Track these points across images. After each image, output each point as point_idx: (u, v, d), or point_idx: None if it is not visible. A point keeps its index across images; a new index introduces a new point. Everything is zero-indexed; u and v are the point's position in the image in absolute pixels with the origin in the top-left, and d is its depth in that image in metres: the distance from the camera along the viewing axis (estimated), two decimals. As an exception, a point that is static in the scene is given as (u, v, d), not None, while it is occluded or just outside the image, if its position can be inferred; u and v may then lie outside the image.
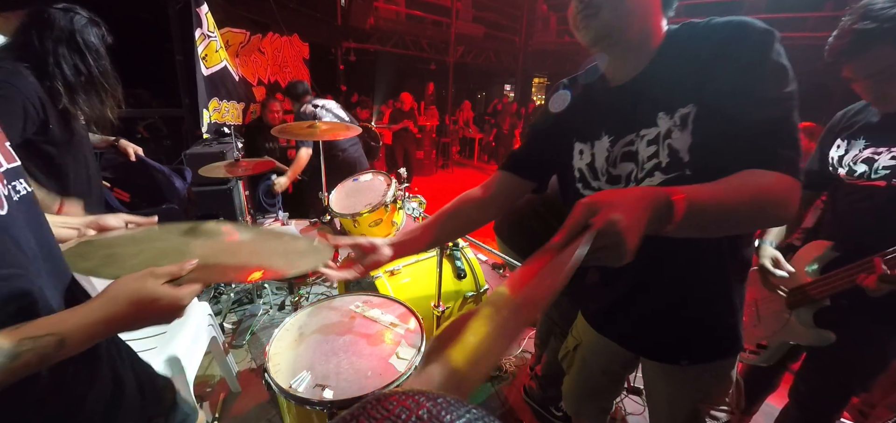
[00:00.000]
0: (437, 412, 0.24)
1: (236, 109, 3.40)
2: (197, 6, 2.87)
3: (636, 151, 0.77)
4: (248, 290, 2.66)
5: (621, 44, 0.74)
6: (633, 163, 0.78)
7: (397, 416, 0.24)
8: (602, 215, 0.49)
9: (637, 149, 0.77)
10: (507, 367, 2.13)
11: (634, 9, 0.71)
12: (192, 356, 1.53)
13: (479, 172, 9.02)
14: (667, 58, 0.74)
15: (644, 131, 0.75)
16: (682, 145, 0.70)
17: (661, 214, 0.54)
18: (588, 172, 0.86)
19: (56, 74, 1.30)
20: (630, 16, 0.71)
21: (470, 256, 2.17)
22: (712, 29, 0.69)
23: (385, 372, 1.12)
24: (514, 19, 10.27)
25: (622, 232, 0.48)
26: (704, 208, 0.58)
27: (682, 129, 0.70)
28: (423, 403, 0.25)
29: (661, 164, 0.73)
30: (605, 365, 1.06)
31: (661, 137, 0.73)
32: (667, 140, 0.72)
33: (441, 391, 0.27)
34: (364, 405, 0.26)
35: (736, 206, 0.60)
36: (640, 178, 0.77)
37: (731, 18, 0.68)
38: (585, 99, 0.88)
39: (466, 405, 0.26)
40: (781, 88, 0.64)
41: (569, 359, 1.15)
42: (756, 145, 0.64)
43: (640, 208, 0.51)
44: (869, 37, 1.02)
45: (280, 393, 1.06)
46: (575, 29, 0.75)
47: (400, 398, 0.26)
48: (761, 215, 0.65)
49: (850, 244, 1.17)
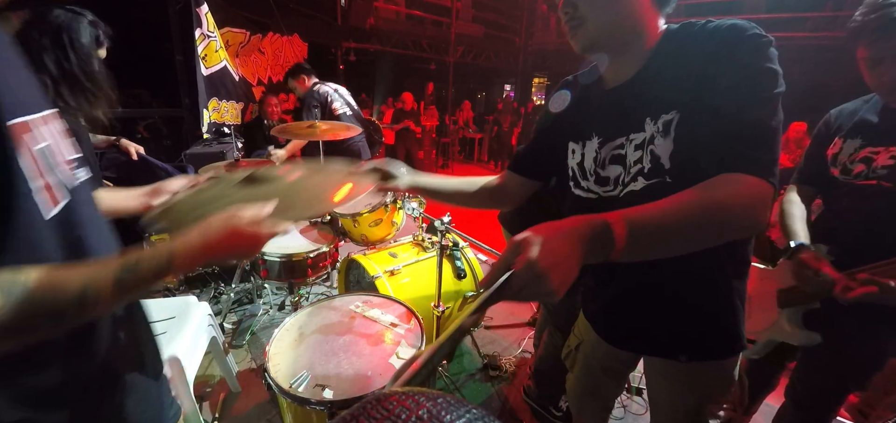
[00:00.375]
0: (437, 412, 0.24)
1: (235, 109, 3.40)
2: (197, 6, 2.87)
3: (625, 155, 0.78)
4: (248, 290, 2.66)
5: (612, 49, 0.75)
6: (621, 166, 0.79)
7: (397, 416, 0.24)
8: (522, 256, 0.48)
9: (626, 153, 0.78)
10: (506, 367, 2.13)
11: (621, 15, 0.71)
12: (192, 356, 1.53)
13: (479, 172, 9.03)
14: (659, 62, 0.74)
15: (633, 136, 0.76)
16: (663, 152, 0.71)
17: (600, 242, 0.53)
18: (578, 171, 0.88)
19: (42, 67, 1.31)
20: (617, 23, 0.72)
21: (470, 256, 2.17)
22: (708, 33, 0.69)
23: (385, 372, 1.12)
24: (514, 19, 10.27)
25: (543, 273, 0.47)
26: (651, 230, 0.56)
27: (665, 135, 0.70)
28: (423, 403, 0.25)
29: (644, 169, 0.74)
30: (606, 363, 1.06)
31: (646, 143, 0.74)
32: (650, 146, 0.73)
33: None
34: (364, 405, 0.26)
35: (688, 222, 0.58)
36: (627, 181, 0.78)
37: (726, 21, 0.67)
38: (582, 99, 0.90)
39: (466, 405, 0.26)
40: (766, 92, 0.64)
41: (571, 358, 1.16)
42: (728, 148, 0.63)
43: (568, 245, 0.51)
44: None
45: (280, 393, 1.06)
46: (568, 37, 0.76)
47: (400, 398, 0.26)
48: (723, 227, 0.61)
49: (845, 246, 1.14)
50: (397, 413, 0.24)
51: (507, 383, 2.07)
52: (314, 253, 1.96)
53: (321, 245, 2.01)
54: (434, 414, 0.24)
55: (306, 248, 1.98)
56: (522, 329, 2.46)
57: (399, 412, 0.24)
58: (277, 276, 1.96)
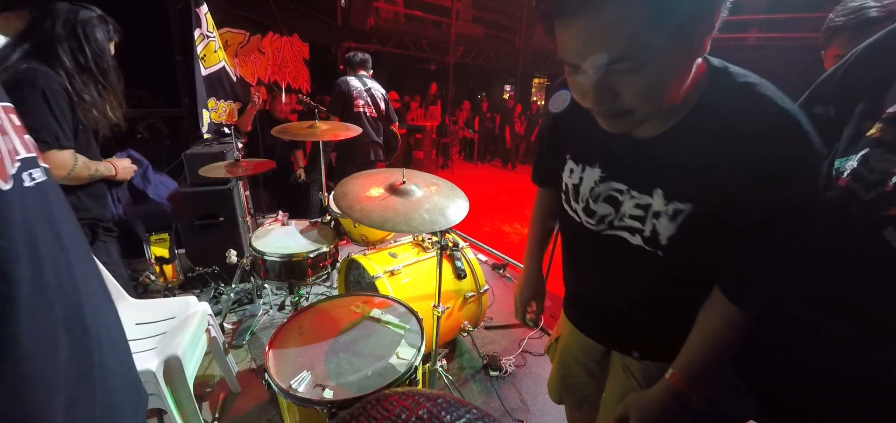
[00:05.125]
0: (436, 412, 0.24)
1: (233, 109, 3.40)
2: (196, 6, 2.87)
3: (620, 203, 0.75)
4: (248, 290, 2.66)
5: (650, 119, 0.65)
6: (612, 209, 0.77)
7: (397, 416, 0.24)
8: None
9: (622, 201, 0.75)
10: (506, 367, 2.13)
11: (672, 90, 0.59)
12: (192, 356, 1.53)
13: (480, 171, 9.03)
14: (689, 126, 0.64)
15: (635, 194, 0.73)
16: (664, 232, 0.70)
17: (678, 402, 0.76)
18: (572, 191, 0.85)
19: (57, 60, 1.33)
20: (666, 100, 0.59)
21: (470, 256, 2.17)
22: (751, 107, 0.59)
23: (385, 372, 1.12)
24: (514, 19, 10.26)
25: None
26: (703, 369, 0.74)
27: (671, 220, 0.68)
28: (423, 403, 0.25)
29: (644, 233, 0.73)
30: (579, 357, 1.08)
31: (651, 212, 0.71)
32: (654, 220, 0.71)
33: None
34: (364, 405, 0.26)
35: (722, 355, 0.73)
36: (617, 225, 0.77)
37: (775, 101, 0.58)
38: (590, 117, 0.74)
39: (466, 405, 0.26)
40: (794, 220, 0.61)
41: (552, 351, 1.19)
42: (734, 272, 0.69)
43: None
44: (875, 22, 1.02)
45: (280, 393, 1.06)
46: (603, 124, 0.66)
47: (400, 398, 0.26)
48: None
49: None
50: (397, 413, 0.24)
51: (507, 383, 2.07)
52: (314, 253, 1.96)
53: (321, 245, 2.01)
54: (434, 414, 0.24)
55: (306, 248, 1.98)
56: (522, 329, 2.46)
57: (399, 412, 0.24)
58: (277, 276, 1.96)
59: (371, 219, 1.15)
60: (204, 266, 2.71)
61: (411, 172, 1.35)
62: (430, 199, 1.27)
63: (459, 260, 2.10)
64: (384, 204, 1.21)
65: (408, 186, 1.29)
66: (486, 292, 2.15)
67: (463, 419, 0.24)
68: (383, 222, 1.15)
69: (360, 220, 1.17)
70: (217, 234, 2.70)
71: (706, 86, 0.64)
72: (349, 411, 0.26)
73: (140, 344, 1.49)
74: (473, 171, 9.07)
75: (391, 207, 1.20)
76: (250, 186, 3.22)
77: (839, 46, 1.11)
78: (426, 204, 1.24)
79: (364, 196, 1.26)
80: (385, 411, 0.25)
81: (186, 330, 1.54)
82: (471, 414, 0.25)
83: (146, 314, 1.64)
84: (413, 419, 0.24)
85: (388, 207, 1.20)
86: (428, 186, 1.34)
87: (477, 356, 2.23)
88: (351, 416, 0.25)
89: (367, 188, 1.30)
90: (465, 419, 0.24)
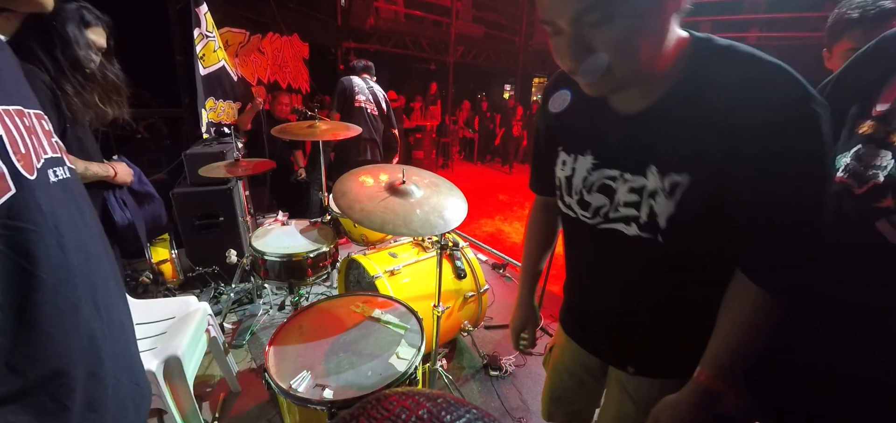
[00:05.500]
0: (436, 412, 0.24)
1: (232, 109, 3.40)
2: (196, 6, 2.87)
3: (614, 190, 0.73)
4: (247, 290, 2.66)
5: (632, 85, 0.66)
6: (606, 199, 0.75)
7: (397, 416, 0.24)
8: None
9: (616, 188, 0.72)
10: (506, 367, 2.13)
11: (647, 47, 0.59)
12: (192, 356, 1.53)
13: (480, 171, 9.02)
14: (677, 97, 0.64)
15: (629, 176, 0.70)
16: (662, 212, 0.66)
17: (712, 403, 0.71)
18: (565, 185, 0.83)
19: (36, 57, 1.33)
20: (642, 57, 0.60)
21: (470, 256, 2.17)
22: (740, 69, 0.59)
23: (385, 372, 1.12)
24: (514, 19, 10.25)
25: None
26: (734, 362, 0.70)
27: (669, 196, 0.65)
28: (423, 403, 0.25)
29: (640, 220, 0.70)
30: (571, 366, 1.06)
31: (646, 194, 0.68)
32: (650, 200, 0.68)
33: None
34: (364, 405, 0.26)
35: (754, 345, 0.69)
36: (612, 217, 0.74)
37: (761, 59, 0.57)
38: (581, 103, 0.77)
39: (466, 405, 0.26)
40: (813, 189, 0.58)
41: (546, 359, 1.18)
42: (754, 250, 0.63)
43: None
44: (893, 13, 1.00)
45: (280, 393, 1.06)
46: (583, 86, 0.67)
47: (400, 398, 0.26)
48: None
49: None
50: (397, 413, 0.24)
51: (507, 383, 2.07)
52: (314, 253, 1.96)
53: (321, 245, 2.01)
54: (434, 414, 0.24)
55: (306, 248, 1.98)
56: (522, 329, 2.46)
57: (399, 412, 0.24)
58: (277, 276, 1.96)
59: (371, 221, 1.15)
60: (204, 266, 2.71)
61: (411, 169, 1.35)
62: (429, 200, 1.27)
63: (459, 260, 2.10)
64: (384, 206, 1.21)
65: (407, 186, 1.29)
66: (486, 291, 2.16)
67: (463, 418, 0.24)
68: (383, 224, 1.15)
69: (359, 221, 1.17)
70: (217, 234, 2.70)
71: (691, 54, 0.64)
72: (349, 411, 0.26)
73: (140, 344, 1.49)
74: (473, 170, 9.07)
75: (391, 209, 1.20)
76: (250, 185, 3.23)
77: (852, 40, 1.06)
78: (426, 205, 1.24)
79: (362, 190, 1.26)
80: (385, 411, 0.25)
81: (186, 330, 1.54)
82: (471, 414, 0.25)
83: (146, 314, 1.64)
84: (413, 418, 0.24)
85: (388, 208, 1.20)
86: (428, 186, 1.34)
87: (477, 356, 2.23)
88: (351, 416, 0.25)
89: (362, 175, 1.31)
90: (465, 419, 0.24)
